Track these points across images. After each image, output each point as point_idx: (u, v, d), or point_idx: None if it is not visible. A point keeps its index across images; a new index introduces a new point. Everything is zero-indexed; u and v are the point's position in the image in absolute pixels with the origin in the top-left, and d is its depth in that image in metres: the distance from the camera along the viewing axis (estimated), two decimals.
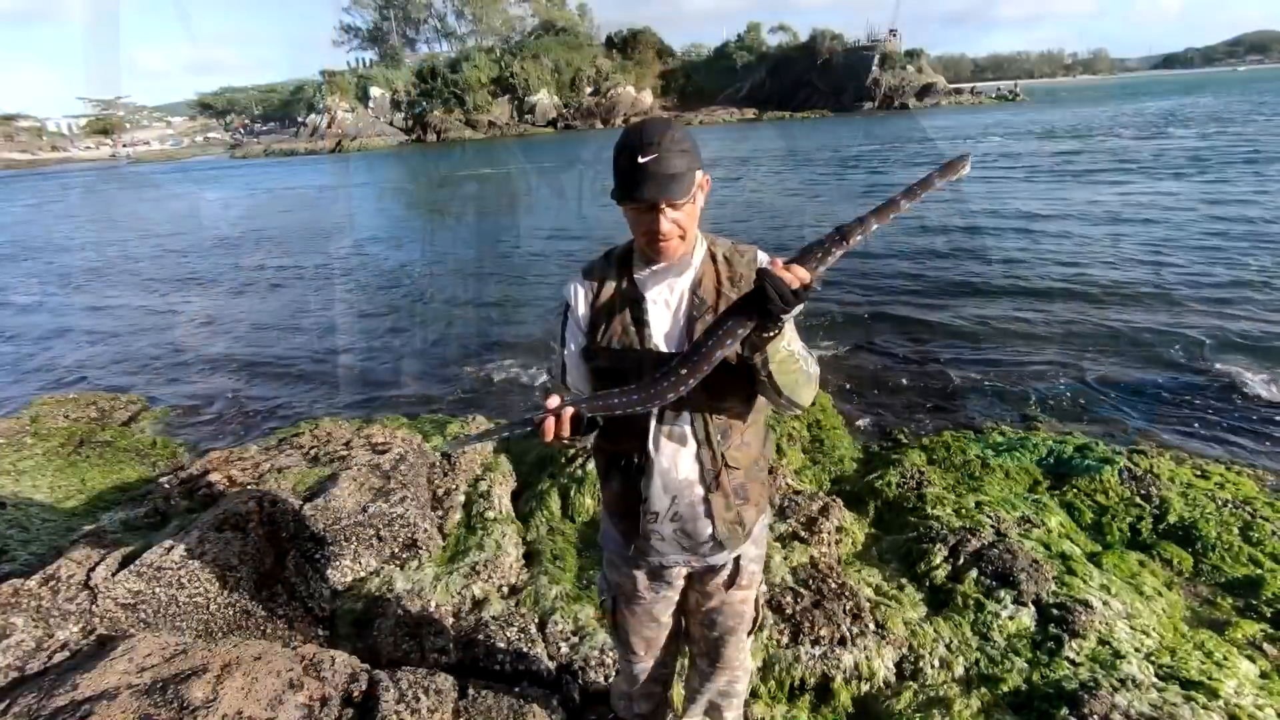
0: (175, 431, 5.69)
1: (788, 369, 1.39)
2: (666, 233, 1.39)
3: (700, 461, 1.54)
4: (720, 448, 1.55)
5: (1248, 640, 2.59)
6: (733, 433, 1.57)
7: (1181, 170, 17.20)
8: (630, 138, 1.36)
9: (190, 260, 14.80)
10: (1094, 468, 3.72)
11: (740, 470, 1.59)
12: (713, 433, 1.53)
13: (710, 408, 1.52)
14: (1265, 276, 8.08)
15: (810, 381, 1.47)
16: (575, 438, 1.36)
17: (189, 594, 2.65)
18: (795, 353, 1.39)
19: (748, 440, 1.60)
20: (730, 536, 1.63)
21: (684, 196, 1.36)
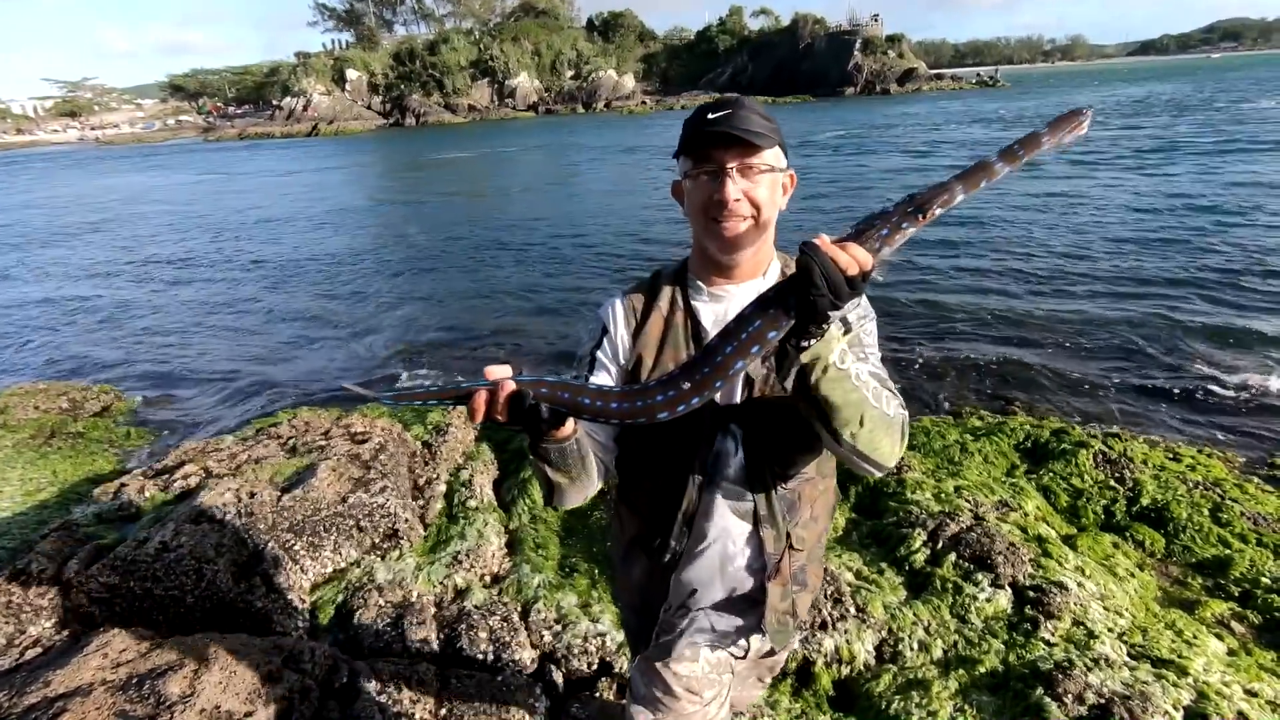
0: (149, 422, 5.60)
1: (844, 397, 1.01)
2: (733, 206, 1.10)
3: (760, 542, 1.24)
4: (787, 525, 1.24)
5: (1216, 619, 2.65)
6: (801, 505, 1.26)
7: (1150, 159, 17.42)
8: (704, 105, 1.15)
9: (160, 247, 14.50)
10: (1070, 451, 3.78)
11: (804, 552, 1.29)
12: (777, 505, 1.22)
13: (775, 470, 1.21)
14: (1233, 265, 8.23)
15: (889, 426, 1.07)
16: (515, 427, 1.03)
17: (165, 588, 2.61)
18: (851, 374, 1.01)
19: (817, 514, 1.30)
20: (779, 630, 1.31)
21: (758, 158, 1.10)
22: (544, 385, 1.01)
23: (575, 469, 1.17)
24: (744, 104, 1.13)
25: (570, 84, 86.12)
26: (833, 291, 0.86)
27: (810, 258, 0.86)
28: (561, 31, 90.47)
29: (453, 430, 4.07)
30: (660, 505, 1.25)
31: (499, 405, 0.99)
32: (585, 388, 1.01)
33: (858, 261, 0.86)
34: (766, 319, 0.92)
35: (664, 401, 0.97)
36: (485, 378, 1.01)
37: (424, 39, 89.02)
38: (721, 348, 0.94)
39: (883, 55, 79.89)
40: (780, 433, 1.20)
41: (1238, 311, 6.73)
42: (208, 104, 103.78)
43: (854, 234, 0.90)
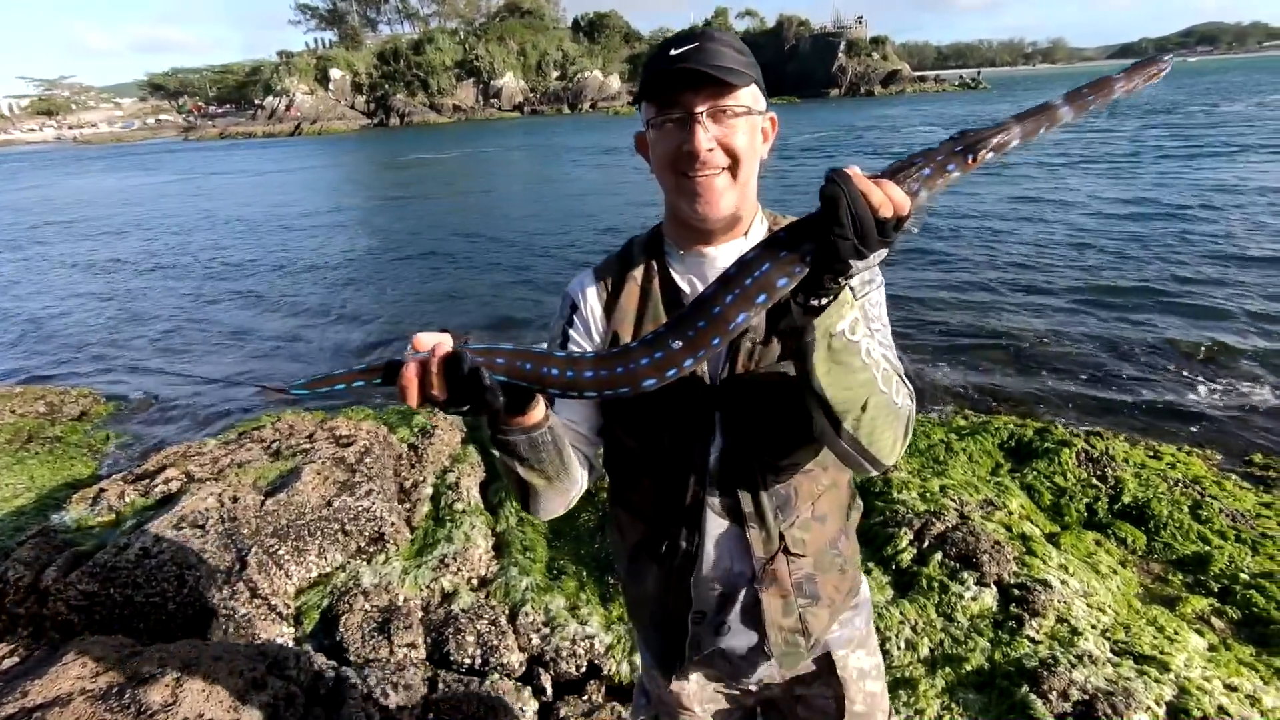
0: (129, 426, 5.51)
1: (850, 376, 0.86)
2: (705, 157, 0.95)
3: (748, 544, 1.09)
4: (779, 524, 1.09)
5: (1197, 615, 2.69)
6: (798, 502, 1.10)
7: (1125, 163, 17.67)
8: (668, 39, 1.00)
9: (133, 248, 14.30)
10: (1053, 450, 3.82)
11: (808, 558, 1.12)
12: (765, 502, 1.07)
13: (761, 461, 1.06)
14: (1205, 268, 8.36)
15: (894, 417, 0.93)
16: (461, 408, 0.81)
17: (145, 595, 2.57)
18: (862, 348, 0.86)
19: (821, 513, 1.13)
20: (788, 652, 1.14)
21: (733, 98, 0.95)
22: (499, 354, 0.82)
23: (551, 465, 0.99)
24: (713, 35, 0.97)
25: (556, 84, 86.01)
26: (860, 235, 0.70)
27: (838, 188, 0.69)
28: (547, 32, 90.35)
29: (439, 432, 4.05)
30: (665, 502, 1.10)
31: (432, 378, 0.79)
32: (550, 355, 0.83)
33: (893, 202, 0.71)
34: (777, 263, 0.75)
35: (649, 365, 0.79)
36: (414, 348, 0.81)
37: (408, 38, 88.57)
38: (720, 297, 0.77)
39: (867, 57, 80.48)
40: (768, 414, 1.04)
41: (1211, 313, 6.84)
42: (189, 103, 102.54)
43: (889, 172, 0.75)
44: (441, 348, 0.79)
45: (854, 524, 1.23)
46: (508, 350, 0.83)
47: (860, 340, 0.85)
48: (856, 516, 1.24)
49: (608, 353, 0.83)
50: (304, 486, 3.17)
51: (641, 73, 1.01)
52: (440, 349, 0.79)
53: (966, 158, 0.74)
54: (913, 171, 0.74)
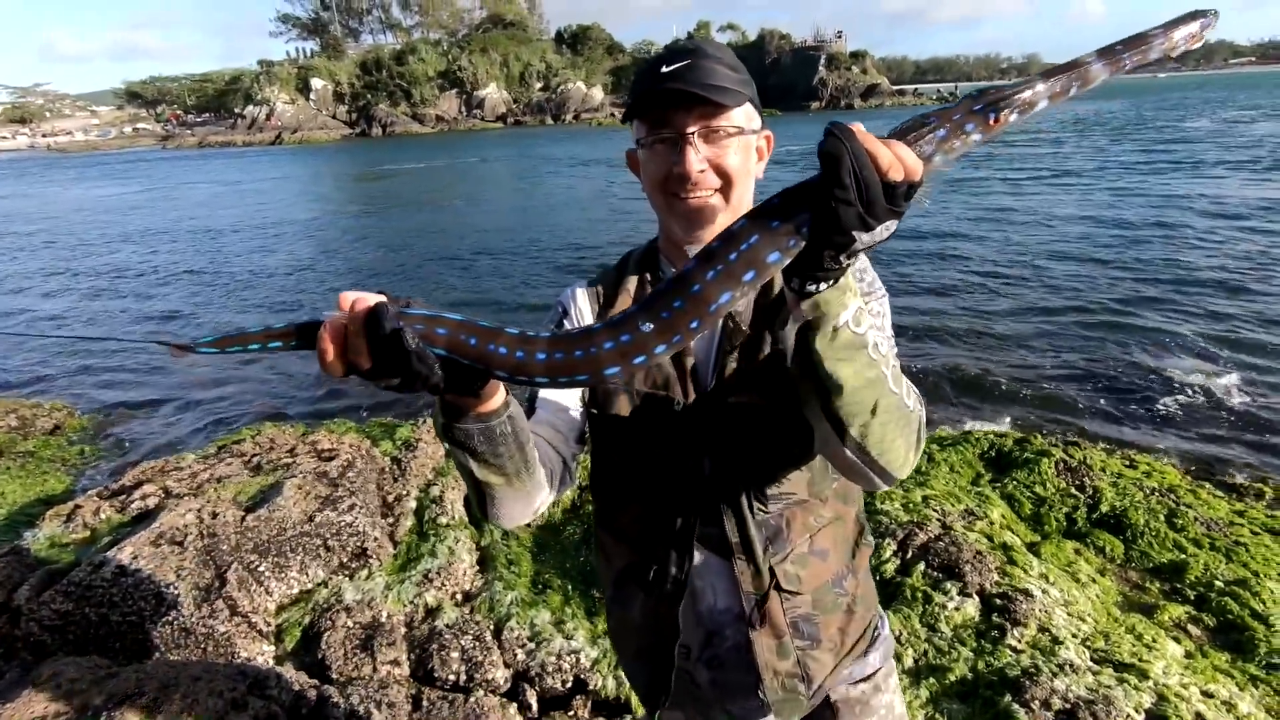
0: (104, 441, 5.42)
1: (857, 374, 0.76)
2: (697, 178, 0.92)
3: (737, 580, 1.02)
4: (769, 558, 1.01)
5: (1174, 622, 2.74)
6: (791, 534, 1.02)
7: (1095, 175, 18.06)
8: (658, 54, 0.97)
9: (111, 257, 14.08)
10: (1032, 460, 3.87)
11: (804, 596, 1.03)
12: (753, 533, 1.00)
13: (749, 487, 0.99)
14: (1174, 280, 8.55)
15: (907, 421, 0.83)
16: (390, 381, 0.69)
17: (122, 614, 2.52)
18: (869, 342, 0.76)
19: (821, 548, 1.05)
20: (786, 699, 1.06)
21: (725, 118, 0.92)
22: (441, 324, 0.70)
23: (511, 462, 0.87)
24: (705, 52, 0.94)
25: (539, 95, 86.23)
26: (865, 202, 0.60)
27: (840, 144, 0.60)
28: (530, 44, 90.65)
29: (423, 445, 4.02)
30: (653, 526, 1.03)
31: (353, 337, 0.67)
32: (500, 331, 0.70)
33: (904, 164, 0.61)
34: (767, 234, 0.64)
35: (614, 351, 0.67)
36: (340, 305, 0.69)
37: (391, 49, 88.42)
38: (700, 273, 0.65)
39: (847, 71, 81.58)
40: (758, 430, 0.98)
41: (1180, 325, 6.99)
42: (167, 112, 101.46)
43: (899, 132, 0.66)
44: (362, 303, 0.67)
45: (864, 561, 1.14)
46: (452, 321, 0.70)
47: (866, 333, 0.75)
48: (866, 553, 1.14)
49: (566, 333, 0.70)
50: (285, 501, 3.13)
51: (632, 88, 0.98)
52: (360, 305, 0.67)
53: (987, 118, 0.64)
54: (925, 133, 0.65)
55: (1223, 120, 33.66)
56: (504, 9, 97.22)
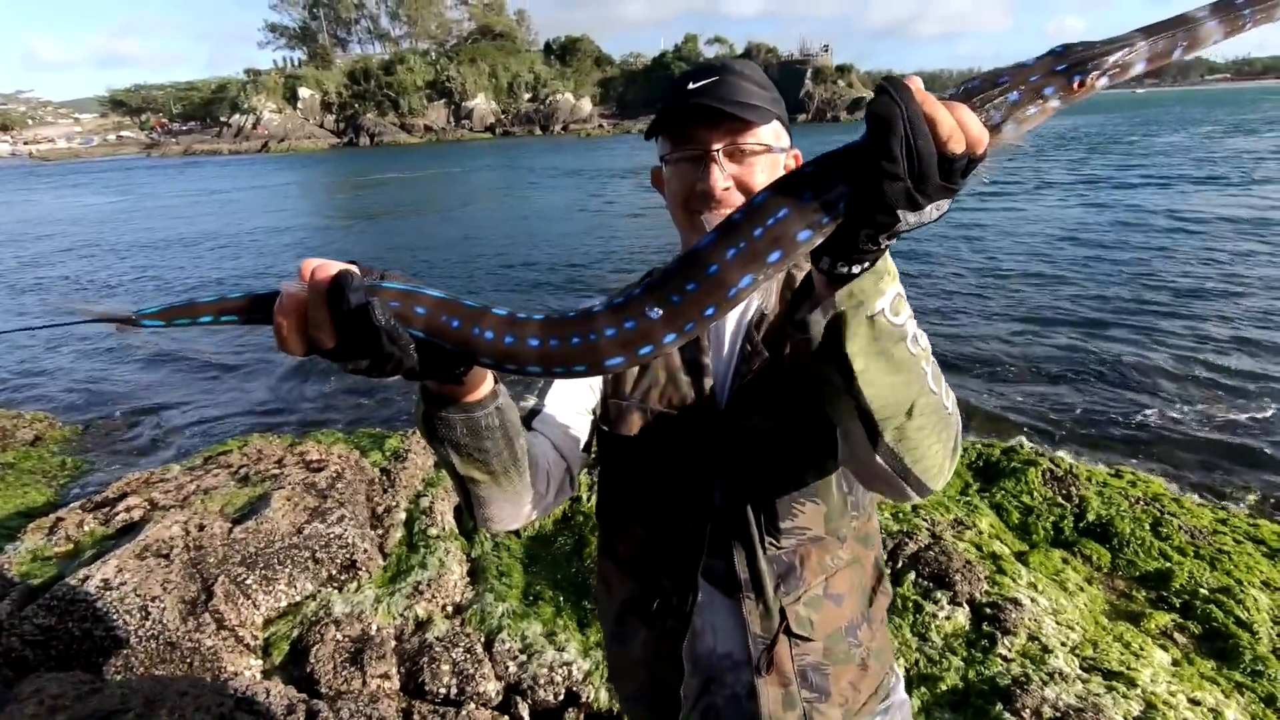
0: (88, 452, 5.34)
1: (895, 370, 0.67)
2: (721, 196, 0.88)
3: (745, 621, 0.95)
4: (780, 598, 0.94)
5: (1160, 630, 2.76)
6: (804, 573, 0.96)
7: (1075, 190, 18.35)
8: (686, 71, 0.95)
9: (96, 266, 13.93)
10: (1019, 470, 3.91)
11: (816, 643, 0.96)
12: (763, 569, 0.94)
13: (759, 515, 0.94)
14: (1153, 294, 8.69)
15: (946, 425, 0.76)
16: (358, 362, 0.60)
17: (106, 628, 2.48)
18: (909, 333, 0.67)
19: (836, 591, 0.98)
20: None
21: (751, 136, 0.89)
22: (419, 301, 0.61)
23: (497, 459, 0.80)
24: (733, 69, 0.92)
25: (528, 106, 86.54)
26: (917, 177, 0.50)
27: (895, 103, 0.50)
28: (519, 55, 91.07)
29: (412, 456, 3.99)
30: (658, 555, 0.98)
31: (314, 310, 0.58)
32: (486, 312, 0.61)
33: (967, 134, 0.51)
34: (798, 209, 0.54)
35: (616, 339, 0.58)
36: (300, 274, 0.60)
37: (379, 59, 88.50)
38: (718, 251, 0.56)
39: (833, 84, 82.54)
40: (768, 456, 0.93)
41: (1162, 336, 7.10)
42: (152, 119, 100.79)
43: (965, 94, 0.55)
44: (324, 271, 0.58)
45: (880, 611, 1.06)
46: (431, 298, 0.61)
47: (906, 324, 0.66)
48: (884, 603, 1.06)
49: (562, 317, 0.61)
50: (273, 513, 3.10)
51: (660, 104, 0.96)
52: (321, 273, 0.58)
53: (1071, 80, 0.54)
54: (995, 95, 0.54)
55: (1199, 135, 34.33)
56: (493, 20, 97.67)
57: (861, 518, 1.02)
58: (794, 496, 0.94)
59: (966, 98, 0.54)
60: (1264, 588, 2.95)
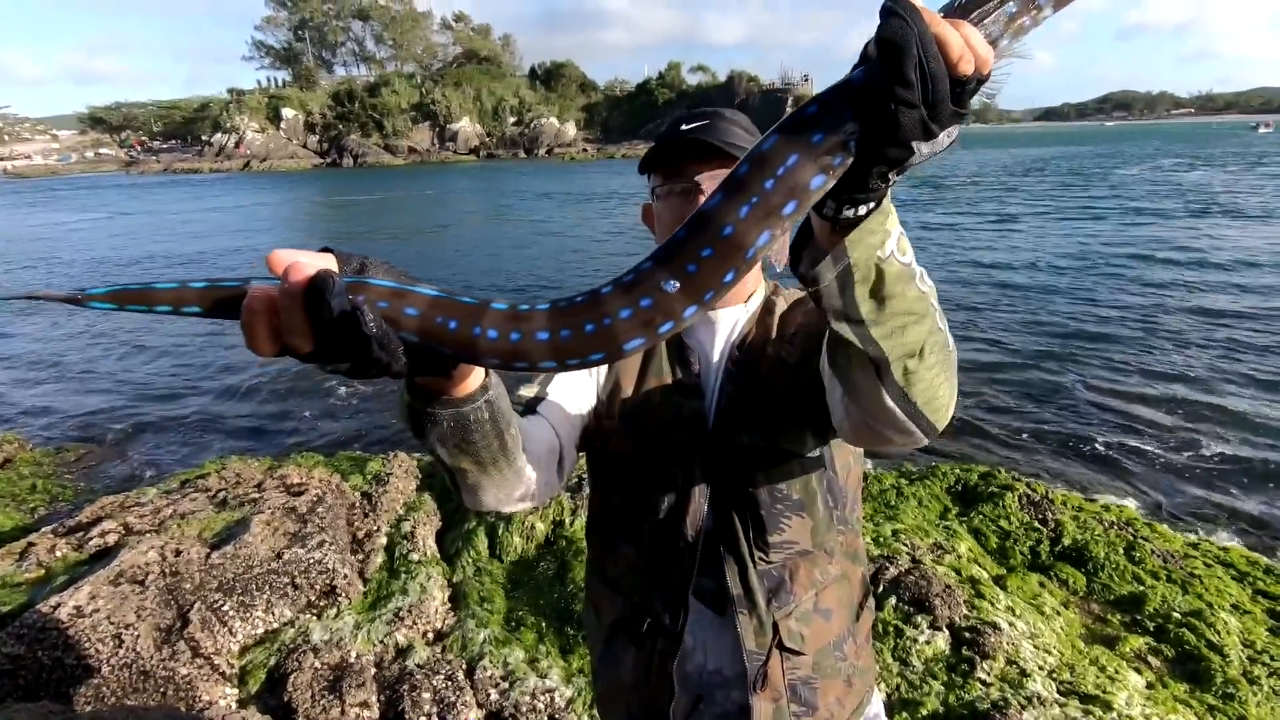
0: (60, 475, 5.22)
1: (904, 311, 0.64)
2: None
3: (739, 637, 0.96)
4: (774, 612, 0.97)
5: (1134, 653, 2.81)
6: (795, 587, 0.98)
7: (1055, 218, 18.82)
8: (679, 115, 1.01)
9: (62, 282, 13.72)
10: (997, 494, 3.97)
11: (806, 657, 0.98)
12: (755, 583, 0.96)
13: (749, 530, 0.97)
14: (1124, 320, 8.91)
15: (951, 363, 0.73)
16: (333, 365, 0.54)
17: (77, 656, 2.42)
18: (916, 272, 0.64)
19: (826, 606, 1.00)
20: None
21: None
22: (411, 301, 0.54)
23: (486, 450, 0.75)
24: (724, 115, 0.99)
25: (512, 130, 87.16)
26: (930, 101, 0.47)
27: (908, 25, 0.46)
28: (504, 79, 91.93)
29: (393, 480, 3.97)
30: (648, 573, 0.99)
31: (287, 315, 0.50)
32: (485, 309, 0.55)
33: (975, 54, 0.48)
34: (808, 152, 0.50)
35: (633, 319, 0.53)
36: (271, 267, 0.52)
37: (364, 81, 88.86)
38: (729, 210, 0.51)
39: None
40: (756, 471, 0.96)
41: (1126, 366, 7.27)
42: (131, 137, 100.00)
43: (960, 8, 0.52)
44: (299, 272, 0.50)
45: (865, 628, 1.08)
46: (424, 297, 0.55)
47: (912, 263, 0.63)
48: (869, 619, 1.09)
49: (570, 304, 0.55)
50: (252, 538, 3.06)
51: (653, 145, 1.02)
52: (297, 274, 0.50)
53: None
54: (992, 8, 0.51)
55: (1154, 168, 35.38)
56: (479, 45, 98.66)
57: (849, 533, 1.05)
58: (781, 511, 0.96)
59: (964, 13, 0.51)
60: (1234, 611, 3.01)
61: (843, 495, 1.04)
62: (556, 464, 0.96)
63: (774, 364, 0.99)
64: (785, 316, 1.04)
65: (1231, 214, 17.40)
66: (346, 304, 0.50)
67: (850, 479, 1.06)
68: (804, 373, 0.95)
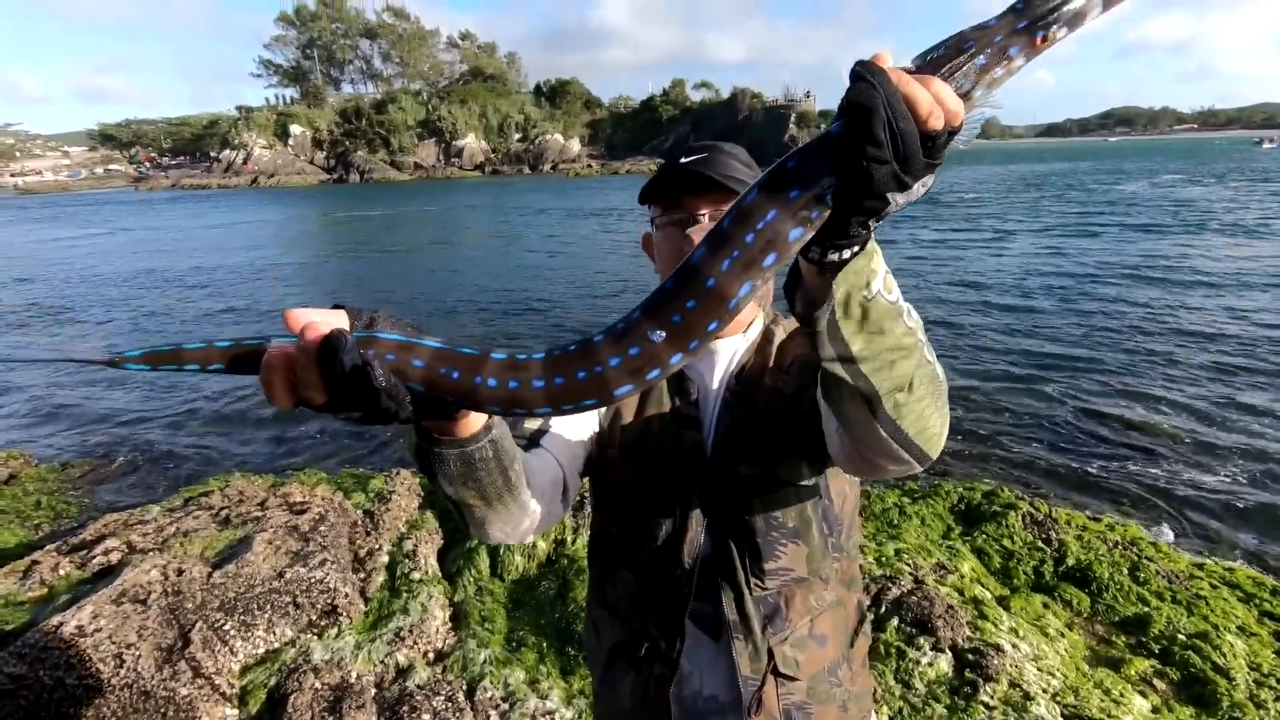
0: (64, 491, 5.24)
1: (893, 346, 0.68)
2: None
3: (734, 663, 0.97)
4: (769, 638, 0.98)
5: (1140, 676, 2.78)
6: (790, 613, 1.00)
7: (1053, 235, 18.84)
8: (680, 149, 1.04)
9: (65, 298, 13.83)
10: (1000, 513, 3.95)
11: (801, 683, 0.99)
12: (751, 610, 0.97)
13: (745, 557, 0.98)
14: (1131, 340, 8.90)
15: (941, 391, 0.76)
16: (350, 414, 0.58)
17: (78, 677, 2.42)
18: (903, 309, 0.68)
19: (820, 633, 1.02)
20: None
21: None
22: (416, 353, 0.58)
23: (491, 486, 0.78)
24: (723, 148, 1.02)
25: (517, 146, 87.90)
26: (901, 156, 0.50)
27: (874, 89, 0.49)
28: (509, 96, 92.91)
29: (395, 498, 3.97)
30: (646, 599, 1.01)
31: (303, 371, 0.55)
32: (485, 359, 0.59)
33: (944, 108, 0.51)
34: (786, 207, 0.54)
35: (622, 367, 0.57)
36: (288, 325, 0.57)
37: (371, 98, 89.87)
38: (713, 263, 0.55)
39: (816, 129, 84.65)
40: (752, 499, 0.98)
41: (1140, 381, 7.25)
42: (140, 154, 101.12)
43: (932, 64, 0.54)
44: (314, 331, 0.55)
45: (862, 653, 1.09)
46: (428, 349, 0.59)
47: (899, 299, 0.67)
48: (864, 645, 1.10)
49: (563, 352, 0.59)
50: (254, 557, 3.07)
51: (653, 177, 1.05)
52: (312, 333, 0.54)
53: (1034, 37, 0.54)
54: (963, 62, 0.54)
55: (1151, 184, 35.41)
56: (484, 63, 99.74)
57: (844, 560, 1.06)
58: (776, 538, 0.98)
59: (936, 67, 0.54)
60: (1240, 633, 2.99)
61: (838, 523, 1.05)
62: (560, 494, 0.99)
63: (771, 394, 1.01)
64: (783, 346, 1.05)
65: (1246, 232, 17.35)
66: (357, 359, 0.54)
67: (846, 506, 1.07)
68: (800, 403, 0.97)
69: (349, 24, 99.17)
